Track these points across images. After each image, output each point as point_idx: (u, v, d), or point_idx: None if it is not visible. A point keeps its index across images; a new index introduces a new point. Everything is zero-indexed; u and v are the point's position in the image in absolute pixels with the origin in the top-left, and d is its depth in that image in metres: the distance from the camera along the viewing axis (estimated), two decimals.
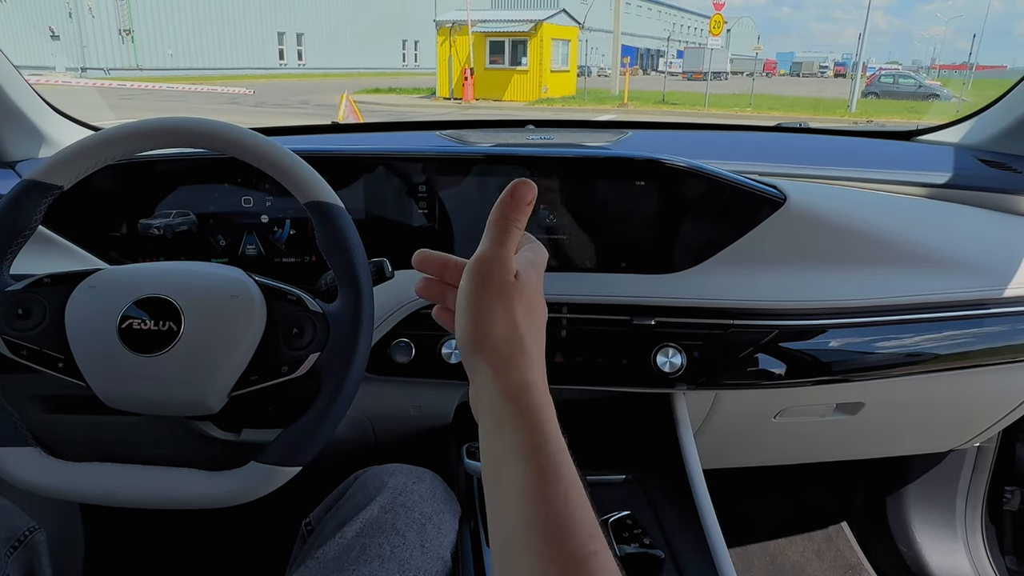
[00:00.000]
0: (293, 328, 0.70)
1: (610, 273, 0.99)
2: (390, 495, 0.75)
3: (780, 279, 0.97)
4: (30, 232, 0.70)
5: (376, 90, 20.11)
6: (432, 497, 0.78)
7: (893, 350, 0.98)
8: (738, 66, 39.09)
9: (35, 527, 0.78)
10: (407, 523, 0.73)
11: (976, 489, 1.42)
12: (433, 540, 0.73)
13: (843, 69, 43.03)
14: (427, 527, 0.74)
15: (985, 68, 34.83)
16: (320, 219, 0.70)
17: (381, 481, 0.77)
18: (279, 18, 28.95)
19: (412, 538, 0.71)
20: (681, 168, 0.96)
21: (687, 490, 0.90)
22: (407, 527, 0.72)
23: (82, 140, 0.70)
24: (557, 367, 0.97)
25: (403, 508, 0.74)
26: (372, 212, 1.00)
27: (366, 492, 0.76)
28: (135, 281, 0.69)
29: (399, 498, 0.75)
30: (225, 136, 0.70)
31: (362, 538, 0.70)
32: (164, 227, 0.99)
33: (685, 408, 1.01)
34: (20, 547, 0.75)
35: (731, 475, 1.21)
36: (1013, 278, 0.99)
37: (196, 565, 1.43)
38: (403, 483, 0.78)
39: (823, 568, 1.52)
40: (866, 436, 1.17)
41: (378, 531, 0.71)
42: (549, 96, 17.99)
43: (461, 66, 17.77)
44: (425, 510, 0.75)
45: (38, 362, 0.68)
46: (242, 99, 15.79)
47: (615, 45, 20.67)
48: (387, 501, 0.74)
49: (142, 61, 24.74)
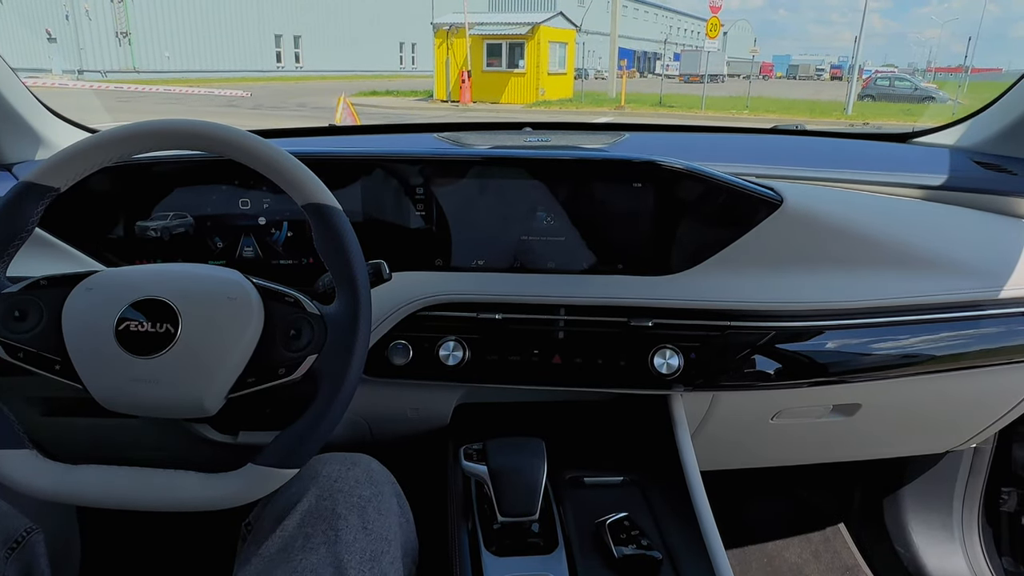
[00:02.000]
0: (290, 330, 0.70)
1: (607, 275, 0.99)
2: (325, 483, 0.75)
3: (777, 281, 0.97)
4: (27, 234, 0.70)
5: (373, 92, 20.11)
6: (368, 480, 0.78)
7: (889, 351, 0.98)
8: (735, 69, 39.18)
9: (32, 528, 0.77)
10: (347, 507, 0.73)
11: (973, 490, 1.43)
12: (375, 521, 0.73)
13: (839, 72, 43.11)
14: (367, 509, 0.74)
15: (980, 71, 35.00)
16: (317, 221, 0.70)
17: (314, 470, 0.77)
18: (276, 20, 28.96)
19: (354, 521, 0.71)
20: (678, 170, 0.96)
21: (684, 491, 0.90)
22: (348, 511, 0.72)
23: (79, 142, 0.70)
24: (555, 368, 0.97)
25: (340, 493, 0.74)
26: (369, 214, 1.00)
27: (300, 483, 0.76)
28: (132, 283, 0.69)
29: (335, 484, 0.75)
30: (222, 138, 0.70)
31: (304, 528, 0.70)
32: (161, 229, 0.99)
33: (682, 409, 1.01)
34: (18, 548, 0.75)
35: (728, 476, 1.22)
36: (1009, 279, 1.00)
37: (193, 567, 1.43)
38: (336, 470, 0.77)
39: (820, 569, 1.52)
40: (863, 437, 1.18)
41: (319, 519, 0.71)
42: (546, 99, 18.01)
43: (458, 69, 17.79)
44: (363, 493, 0.75)
45: (35, 364, 0.68)
46: (239, 101, 15.77)
47: (612, 48, 20.73)
48: (322, 489, 0.74)
49: (139, 63, 24.71)
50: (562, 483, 0.98)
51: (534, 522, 0.87)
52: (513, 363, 0.97)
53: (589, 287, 0.97)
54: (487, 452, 0.90)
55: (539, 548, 0.85)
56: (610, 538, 0.84)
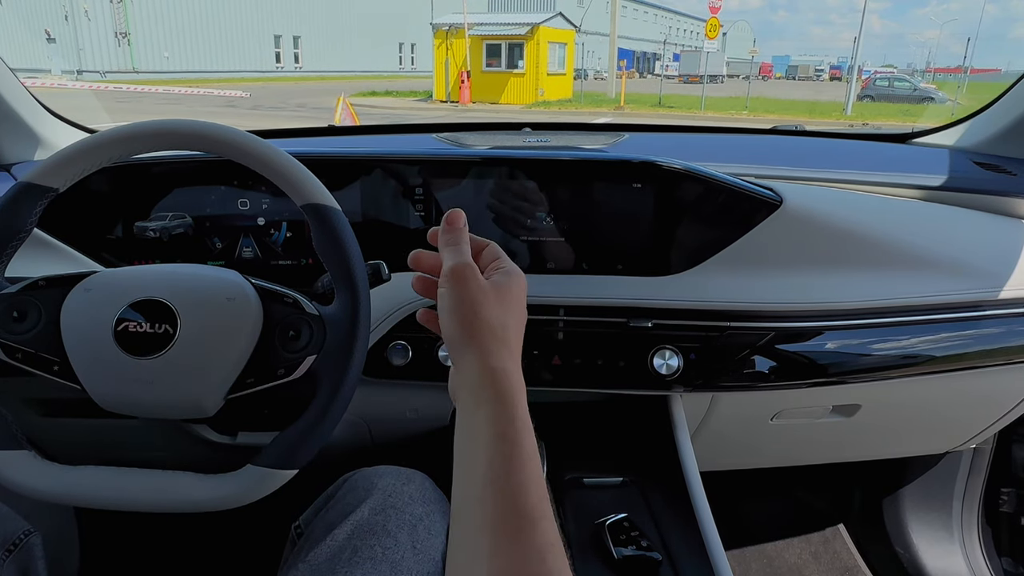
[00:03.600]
0: (289, 330, 0.69)
1: (607, 275, 0.99)
2: (380, 497, 0.75)
3: (776, 281, 0.97)
4: (25, 235, 0.70)
5: (373, 93, 20.11)
6: (422, 498, 0.78)
7: (889, 352, 0.98)
8: (734, 69, 39.22)
9: (30, 530, 0.77)
10: (398, 524, 0.72)
11: (972, 491, 1.43)
12: (424, 541, 0.73)
13: (839, 72, 43.16)
14: (418, 528, 0.73)
15: (979, 71, 35.03)
16: (317, 221, 0.70)
17: (371, 483, 0.77)
18: (276, 21, 28.97)
19: (403, 539, 0.71)
20: (678, 170, 0.96)
21: (684, 492, 0.90)
22: (398, 528, 0.72)
23: (78, 142, 0.69)
24: (554, 369, 0.97)
25: (393, 509, 0.74)
26: (369, 214, 1.00)
27: (356, 494, 0.76)
28: (131, 284, 0.69)
29: (389, 499, 0.75)
30: (221, 138, 0.70)
31: (353, 540, 0.70)
32: (160, 229, 0.99)
33: (682, 410, 1.01)
34: (15, 551, 0.74)
35: (728, 477, 1.21)
36: (1008, 280, 1.00)
37: (191, 568, 1.43)
38: (393, 484, 0.77)
39: (820, 570, 1.52)
40: (863, 438, 1.18)
41: (369, 533, 0.71)
42: (546, 99, 18.02)
43: (458, 69, 17.79)
44: (416, 511, 0.75)
45: (33, 365, 0.68)
46: (238, 102, 15.78)
47: (611, 48, 20.73)
48: (377, 503, 0.74)
49: (138, 64, 24.72)
50: (561, 484, 0.98)
51: None
52: None
53: (588, 287, 0.97)
54: None
55: None
56: (610, 539, 0.84)
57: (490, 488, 0.44)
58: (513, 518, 0.42)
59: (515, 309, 0.56)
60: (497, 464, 0.45)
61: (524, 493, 0.44)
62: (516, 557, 0.41)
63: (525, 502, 0.43)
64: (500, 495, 0.44)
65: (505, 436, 0.47)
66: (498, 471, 0.45)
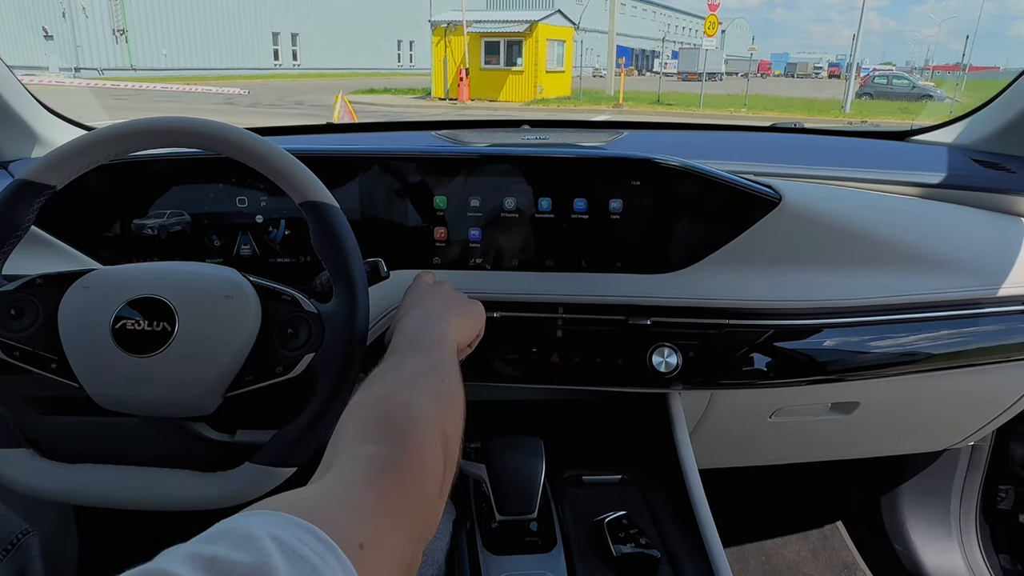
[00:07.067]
0: (288, 328, 0.69)
1: (606, 273, 0.99)
2: None
3: (775, 279, 0.97)
4: (23, 232, 0.70)
5: (371, 90, 20.08)
6: None
7: (888, 350, 0.98)
8: (733, 67, 39.18)
9: (28, 530, 0.77)
10: None
11: (970, 488, 1.43)
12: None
13: (837, 70, 43.18)
14: None
15: (978, 69, 35.02)
16: (315, 219, 0.70)
17: None
18: (274, 18, 28.91)
19: None
20: (676, 168, 0.96)
21: (683, 490, 0.90)
22: None
23: (75, 140, 0.69)
24: (553, 367, 0.96)
25: None
26: (367, 212, 1.00)
27: None
28: (129, 281, 0.69)
29: None
30: (220, 136, 0.70)
31: None
32: (158, 227, 0.99)
33: (681, 408, 1.01)
34: (12, 550, 0.74)
35: (727, 475, 1.21)
36: (1007, 278, 1.00)
37: None
38: None
39: (818, 567, 1.52)
40: (861, 435, 1.18)
41: None
42: (544, 96, 18.00)
43: (456, 66, 17.77)
44: None
45: (31, 363, 0.68)
46: (237, 99, 15.75)
47: (610, 46, 20.72)
48: None
49: (136, 61, 24.67)
50: (560, 482, 0.98)
51: (532, 521, 0.87)
52: (511, 361, 0.96)
53: (587, 285, 0.97)
54: (485, 451, 0.90)
55: (537, 547, 0.85)
56: (609, 537, 0.84)
57: (388, 397, 0.53)
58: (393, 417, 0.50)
59: (455, 304, 0.75)
60: (411, 381, 0.56)
61: (423, 411, 0.52)
62: None
63: (421, 416, 0.51)
64: (394, 400, 0.53)
65: (435, 371, 0.58)
66: (407, 387, 0.55)
